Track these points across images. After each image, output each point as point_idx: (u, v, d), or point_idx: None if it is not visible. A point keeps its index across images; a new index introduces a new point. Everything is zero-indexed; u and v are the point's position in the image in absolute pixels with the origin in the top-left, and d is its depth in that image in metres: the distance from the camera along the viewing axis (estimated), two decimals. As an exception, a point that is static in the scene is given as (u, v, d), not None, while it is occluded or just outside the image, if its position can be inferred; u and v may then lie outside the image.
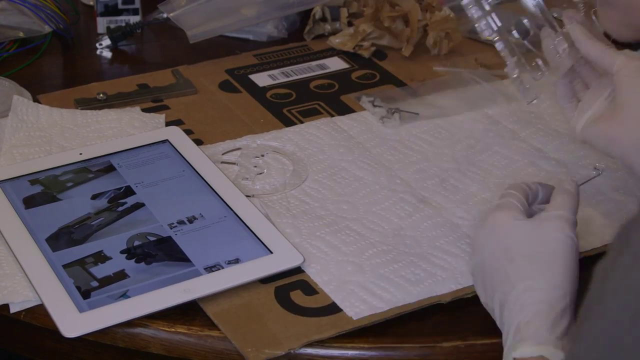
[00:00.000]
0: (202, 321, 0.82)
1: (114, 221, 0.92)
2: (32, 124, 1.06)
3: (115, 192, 0.96)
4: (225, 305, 0.83)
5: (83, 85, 1.17)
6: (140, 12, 1.31)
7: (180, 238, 0.90)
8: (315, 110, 1.13)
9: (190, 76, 1.19)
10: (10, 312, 0.83)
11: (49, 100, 1.12)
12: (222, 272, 0.85)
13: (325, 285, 0.85)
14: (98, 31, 1.30)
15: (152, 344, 0.81)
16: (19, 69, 1.21)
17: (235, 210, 0.93)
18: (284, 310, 0.82)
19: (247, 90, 1.18)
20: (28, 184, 0.96)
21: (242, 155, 1.04)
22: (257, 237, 0.89)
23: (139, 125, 1.08)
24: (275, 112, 1.13)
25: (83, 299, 0.82)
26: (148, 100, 1.14)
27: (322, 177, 1.01)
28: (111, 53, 1.27)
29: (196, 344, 0.81)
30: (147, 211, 0.93)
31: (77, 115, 1.09)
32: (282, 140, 1.07)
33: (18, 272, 0.85)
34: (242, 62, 1.24)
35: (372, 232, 0.93)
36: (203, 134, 1.08)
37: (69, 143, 1.04)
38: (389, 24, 1.25)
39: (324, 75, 1.22)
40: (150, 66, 1.23)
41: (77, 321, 0.80)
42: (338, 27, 1.31)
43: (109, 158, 1.01)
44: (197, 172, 0.99)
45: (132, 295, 0.82)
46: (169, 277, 0.84)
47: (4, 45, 1.24)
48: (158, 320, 0.82)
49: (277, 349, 0.78)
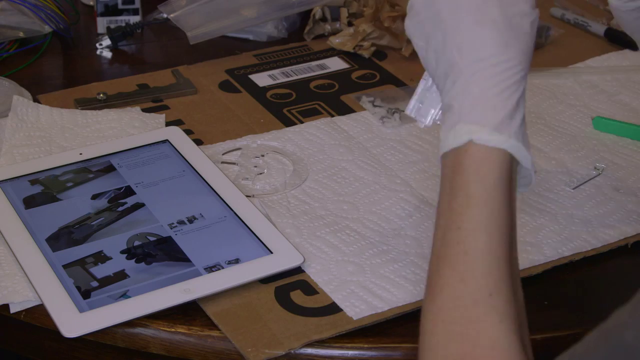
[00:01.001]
0: (202, 321, 0.82)
1: (114, 221, 0.92)
2: (32, 124, 1.06)
3: (116, 192, 0.96)
4: (225, 305, 0.83)
5: (83, 85, 1.17)
6: (140, 12, 1.31)
7: (180, 238, 0.89)
8: (315, 110, 1.13)
9: (190, 76, 1.19)
10: (11, 312, 0.83)
11: (49, 100, 1.12)
12: (222, 272, 0.85)
13: (325, 285, 0.85)
14: (98, 31, 1.31)
15: (152, 344, 0.81)
16: (19, 69, 1.21)
17: (235, 210, 0.93)
18: (284, 310, 0.82)
19: (247, 90, 1.18)
20: (28, 184, 0.96)
21: (242, 155, 1.04)
22: (257, 237, 0.89)
23: (139, 125, 1.08)
24: (275, 112, 1.13)
25: (83, 299, 0.82)
26: (148, 100, 1.14)
27: (322, 177, 1.01)
28: (111, 53, 1.27)
29: (196, 344, 0.81)
30: (147, 211, 0.93)
31: (77, 115, 1.09)
32: (282, 140, 1.07)
33: (18, 272, 0.85)
34: (242, 62, 1.24)
35: (372, 232, 0.93)
36: (203, 134, 1.08)
37: (69, 143, 1.04)
38: (389, 24, 1.25)
39: (324, 75, 1.22)
40: (150, 66, 1.24)
41: (77, 321, 0.80)
42: (338, 27, 1.31)
43: (109, 158, 1.01)
44: (197, 172, 0.99)
45: (132, 295, 0.82)
46: (169, 277, 0.84)
47: (4, 45, 1.24)
48: (158, 320, 0.82)
49: (277, 349, 0.78)
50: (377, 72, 1.22)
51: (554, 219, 0.95)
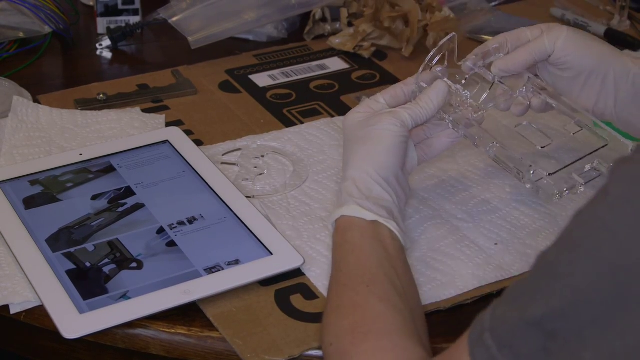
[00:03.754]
0: (202, 322, 0.82)
1: (114, 222, 0.92)
2: (32, 124, 1.06)
3: (115, 192, 0.96)
4: (225, 307, 0.83)
5: (83, 86, 1.17)
6: (140, 13, 1.31)
7: (180, 239, 0.89)
8: (315, 110, 1.13)
9: (190, 76, 1.19)
10: (11, 313, 0.83)
11: (49, 101, 1.12)
12: (222, 274, 0.85)
13: (325, 290, 0.85)
14: (98, 31, 1.31)
15: (152, 345, 0.81)
16: (19, 69, 1.21)
17: (235, 211, 0.93)
18: (284, 315, 0.82)
19: (247, 90, 1.18)
20: (28, 185, 0.96)
21: (242, 156, 1.04)
22: (257, 238, 0.89)
23: (139, 125, 1.08)
24: (275, 112, 1.13)
25: (83, 300, 0.82)
26: (148, 101, 1.14)
27: (322, 178, 1.01)
28: (111, 53, 1.27)
29: (196, 345, 0.81)
30: (147, 212, 0.93)
31: (77, 116, 1.09)
32: (282, 140, 1.06)
33: (18, 273, 0.85)
34: (242, 62, 1.24)
35: (372, 233, 0.92)
36: (203, 134, 1.08)
37: (69, 144, 1.04)
38: (389, 25, 1.25)
39: (324, 76, 1.22)
40: (150, 66, 1.24)
41: (77, 322, 0.80)
42: (338, 28, 1.31)
43: (109, 159, 1.01)
44: (197, 173, 0.99)
45: (132, 297, 0.82)
46: (169, 279, 0.84)
47: (4, 45, 1.24)
48: (158, 322, 0.82)
49: (277, 356, 0.78)
50: (377, 72, 1.22)
51: (554, 222, 0.95)
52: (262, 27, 1.29)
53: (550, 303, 0.58)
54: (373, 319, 0.75)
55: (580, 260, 0.57)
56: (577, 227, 0.59)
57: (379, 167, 0.86)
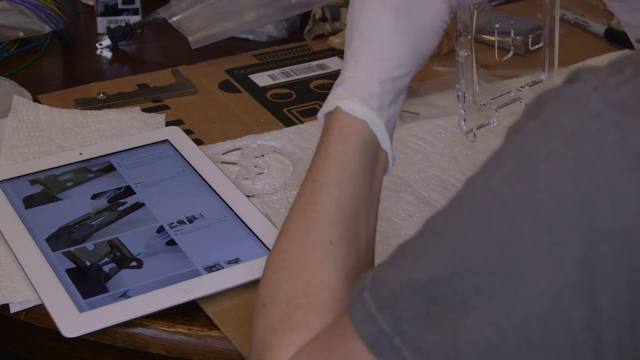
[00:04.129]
0: (202, 321, 0.82)
1: (114, 221, 0.92)
2: (32, 124, 1.06)
3: (115, 192, 0.96)
4: (225, 305, 0.83)
5: (83, 85, 1.17)
6: (140, 12, 1.31)
7: (180, 238, 0.89)
8: (315, 110, 1.13)
9: (190, 76, 1.19)
10: (11, 312, 0.83)
11: (49, 100, 1.12)
12: (222, 272, 0.85)
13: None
14: (98, 31, 1.31)
15: (152, 344, 0.81)
16: (19, 69, 1.21)
17: (235, 210, 0.93)
18: (284, 310, 0.82)
19: (247, 90, 1.18)
20: (28, 184, 0.96)
21: (242, 155, 1.04)
22: (257, 237, 0.89)
23: (139, 125, 1.08)
24: (275, 112, 1.13)
25: (83, 298, 0.82)
26: (148, 100, 1.14)
27: (322, 177, 1.01)
28: (111, 53, 1.27)
29: (196, 344, 0.81)
30: (147, 211, 0.93)
31: (77, 115, 1.09)
32: (282, 140, 1.07)
33: (18, 272, 0.85)
34: (242, 62, 1.24)
35: (372, 232, 0.92)
36: (203, 134, 1.08)
37: (69, 143, 1.04)
38: (389, 24, 1.25)
39: (324, 75, 1.22)
40: (150, 66, 1.24)
41: (77, 321, 0.80)
42: (338, 27, 1.30)
43: (109, 158, 1.01)
44: (197, 172, 0.99)
45: (132, 295, 0.82)
46: (168, 277, 0.84)
47: (4, 45, 1.24)
48: (158, 320, 0.82)
49: (277, 349, 0.78)
50: (377, 72, 1.22)
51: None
52: (262, 26, 1.29)
53: (437, 269, 0.56)
54: (319, 290, 0.67)
55: (470, 230, 0.56)
56: (469, 196, 0.57)
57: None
